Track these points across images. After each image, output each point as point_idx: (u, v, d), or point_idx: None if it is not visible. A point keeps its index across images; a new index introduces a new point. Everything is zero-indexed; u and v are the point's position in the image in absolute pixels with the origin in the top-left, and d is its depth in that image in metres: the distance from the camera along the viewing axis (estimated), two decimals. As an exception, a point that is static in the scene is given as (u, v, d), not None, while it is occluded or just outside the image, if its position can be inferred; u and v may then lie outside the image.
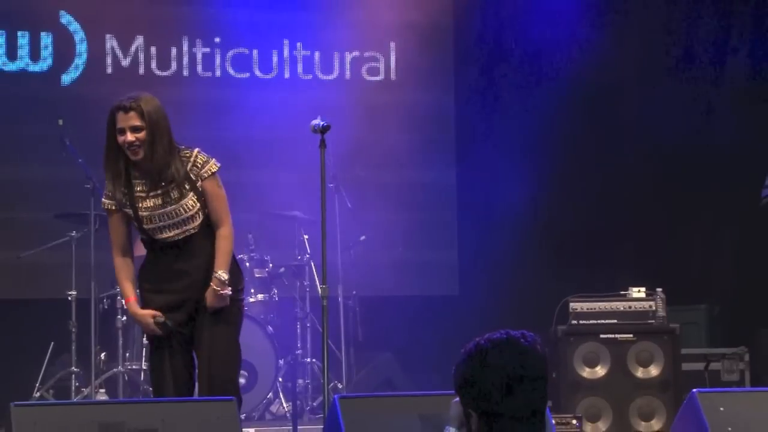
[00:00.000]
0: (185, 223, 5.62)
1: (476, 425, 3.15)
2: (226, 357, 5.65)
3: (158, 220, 5.61)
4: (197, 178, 5.60)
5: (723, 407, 5.43)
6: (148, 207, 5.60)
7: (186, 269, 5.66)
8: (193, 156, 5.61)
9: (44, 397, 7.90)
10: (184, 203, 5.60)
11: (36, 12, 9.13)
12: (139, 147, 5.52)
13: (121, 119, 5.53)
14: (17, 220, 8.79)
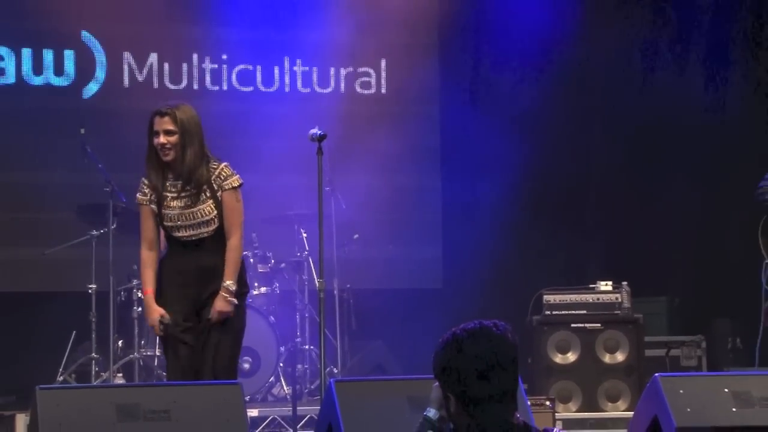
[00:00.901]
0: (200, 227, 5.63)
1: (454, 407, 3.15)
2: (228, 363, 5.66)
3: (177, 219, 5.63)
4: (218, 188, 5.62)
5: (682, 390, 5.43)
6: (173, 206, 5.63)
7: (196, 267, 5.68)
8: (219, 168, 5.64)
9: (67, 380, 7.89)
10: (203, 208, 5.62)
11: (60, 31, 9.12)
12: (170, 149, 5.57)
13: (157, 123, 5.60)
14: (42, 220, 8.78)
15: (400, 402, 5.08)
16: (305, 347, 8.40)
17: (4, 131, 8.90)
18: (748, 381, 5.65)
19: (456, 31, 9.75)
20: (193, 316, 5.66)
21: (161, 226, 5.69)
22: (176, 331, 5.66)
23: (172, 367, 5.72)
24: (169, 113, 5.59)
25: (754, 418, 5.36)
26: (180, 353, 5.66)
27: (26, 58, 9.14)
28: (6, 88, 9.10)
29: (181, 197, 5.63)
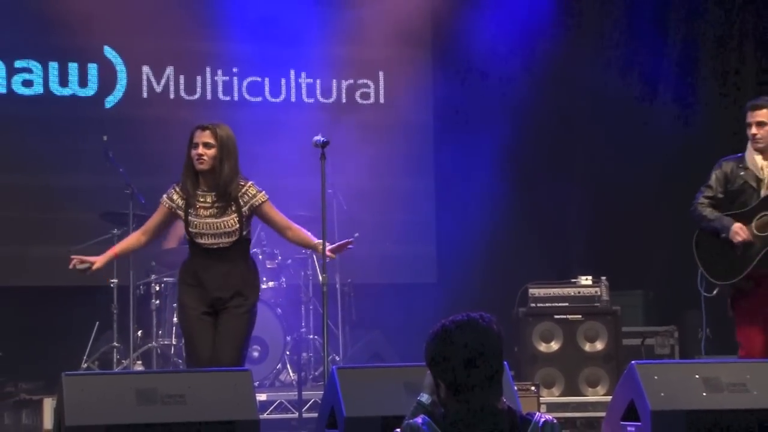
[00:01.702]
0: (222, 236, 5.70)
1: (444, 393, 3.15)
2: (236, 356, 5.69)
3: (202, 227, 5.69)
4: (244, 205, 5.69)
5: (657, 376, 5.43)
6: (201, 215, 5.69)
7: (214, 273, 5.73)
8: (246, 186, 5.73)
9: (90, 367, 7.89)
10: (227, 220, 5.69)
11: (84, 46, 9.12)
12: (206, 160, 5.63)
13: (198, 136, 5.68)
14: (68, 219, 8.78)
15: (397, 387, 5.08)
16: (310, 337, 8.40)
17: (33, 138, 8.90)
18: (718, 368, 5.67)
19: (447, 46, 9.74)
20: (208, 316, 5.70)
21: (186, 231, 5.72)
22: (192, 325, 5.69)
23: (188, 355, 5.81)
24: (209, 128, 5.69)
25: (724, 402, 5.37)
26: (195, 344, 5.71)
27: (53, 70, 9.14)
28: (35, 98, 9.10)
29: (209, 208, 5.68)
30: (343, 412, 5.15)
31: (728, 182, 6.38)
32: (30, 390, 7.87)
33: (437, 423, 3.08)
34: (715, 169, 6.44)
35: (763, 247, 6.25)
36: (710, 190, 6.41)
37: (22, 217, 8.89)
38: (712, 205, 6.40)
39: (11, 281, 8.80)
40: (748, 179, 6.33)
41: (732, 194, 6.37)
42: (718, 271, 6.39)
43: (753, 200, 6.31)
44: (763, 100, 6.39)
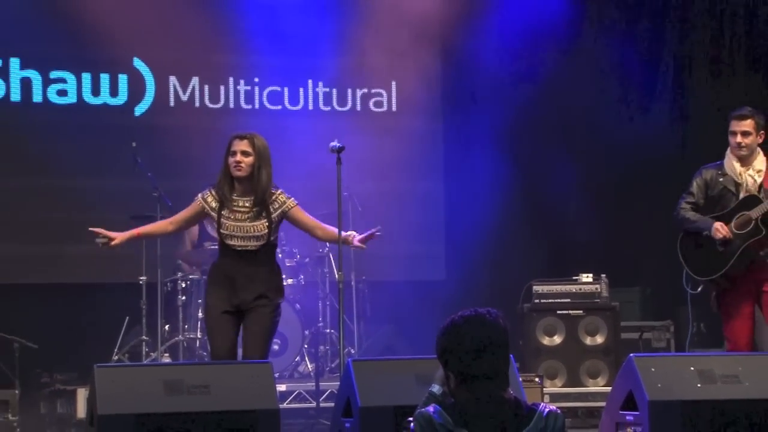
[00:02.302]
0: (251, 240, 5.73)
1: (454, 383, 3.15)
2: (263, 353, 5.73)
3: (233, 230, 5.71)
4: (275, 211, 5.71)
5: (654, 368, 5.42)
6: (233, 219, 5.70)
7: (241, 273, 5.75)
8: (277, 194, 5.77)
9: (120, 359, 7.90)
10: (257, 225, 5.72)
11: (114, 58, 9.14)
12: (243, 167, 5.66)
13: (236, 144, 5.71)
14: (100, 220, 8.66)
15: (408, 378, 5.08)
16: (326, 331, 8.40)
17: (67, 144, 8.91)
18: (711, 360, 5.66)
19: (455, 57, 9.72)
20: (229, 315, 5.72)
21: (217, 232, 5.76)
22: (212, 323, 5.71)
23: (212, 347, 5.82)
24: (247, 138, 5.73)
25: (717, 392, 5.35)
26: (213, 340, 5.76)
27: (86, 81, 9.16)
28: (69, 107, 9.13)
29: (244, 212, 5.70)
30: (358, 401, 5.15)
31: (708, 188, 6.41)
32: (64, 381, 7.88)
33: (448, 411, 3.08)
34: (696, 176, 6.47)
35: (741, 243, 6.28)
36: (692, 196, 6.44)
37: (56, 218, 8.90)
38: (693, 210, 6.44)
39: (47, 278, 8.82)
40: (727, 184, 6.36)
41: (712, 200, 6.41)
42: (701, 268, 6.44)
43: (732, 203, 6.34)
44: (748, 111, 6.39)
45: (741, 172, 6.33)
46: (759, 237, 6.26)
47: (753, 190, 6.32)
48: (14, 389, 7.47)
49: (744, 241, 6.26)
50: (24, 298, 8.59)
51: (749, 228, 6.27)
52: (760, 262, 6.31)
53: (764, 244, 6.28)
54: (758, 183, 6.32)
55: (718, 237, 6.27)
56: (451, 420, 3.05)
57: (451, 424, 3.05)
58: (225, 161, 5.76)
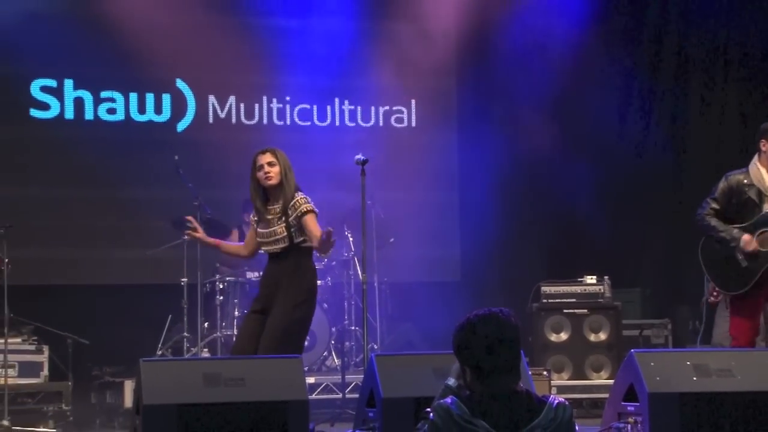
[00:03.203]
0: (273, 243, 5.73)
1: (469, 377, 3.13)
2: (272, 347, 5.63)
3: (263, 236, 5.75)
4: (292, 214, 5.67)
5: (653, 363, 5.39)
6: (264, 227, 5.75)
7: (272, 273, 5.78)
8: (298, 198, 5.71)
9: (164, 354, 7.91)
10: (276, 229, 5.72)
11: (159, 79, 9.18)
12: (273, 176, 5.68)
13: (260, 159, 5.74)
14: (145, 227, 8.82)
15: (427, 372, 5.06)
16: (352, 328, 8.39)
17: (116, 157, 8.96)
18: (706, 356, 5.63)
19: (470, 76, 9.70)
20: (255, 314, 5.75)
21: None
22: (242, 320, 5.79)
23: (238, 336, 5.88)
24: (269, 150, 5.77)
25: (712, 385, 5.31)
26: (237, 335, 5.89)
27: (133, 100, 9.20)
28: (118, 124, 9.17)
29: (274, 217, 5.71)
30: (381, 393, 5.14)
31: (733, 195, 6.13)
32: (113, 373, 7.89)
33: (464, 403, 3.06)
34: (722, 182, 6.17)
35: (765, 263, 6.07)
36: (716, 202, 6.15)
37: (106, 225, 8.94)
38: (716, 216, 6.17)
39: (97, 280, 8.85)
40: (751, 194, 6.09)
41: (735, 207, 6.14)
42: (726, 281, 6.21)
43: (755, 214, 6.10)
44: None
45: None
46: None
47: None
48: (67, 381, 7.49)
49: (767, 260, 6.04)
50: (76, 298, 8.62)
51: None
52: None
53: None
54: None
55: (748, 250, 6.03)
56: (468, 411, 3.03)
57: (468, 414, 3.03)
58: (253, 177, 5.76)
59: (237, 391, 4.98)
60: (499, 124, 9.42)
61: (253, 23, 9.30)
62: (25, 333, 7.57)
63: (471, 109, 9.70)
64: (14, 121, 8.91)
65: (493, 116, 9.52)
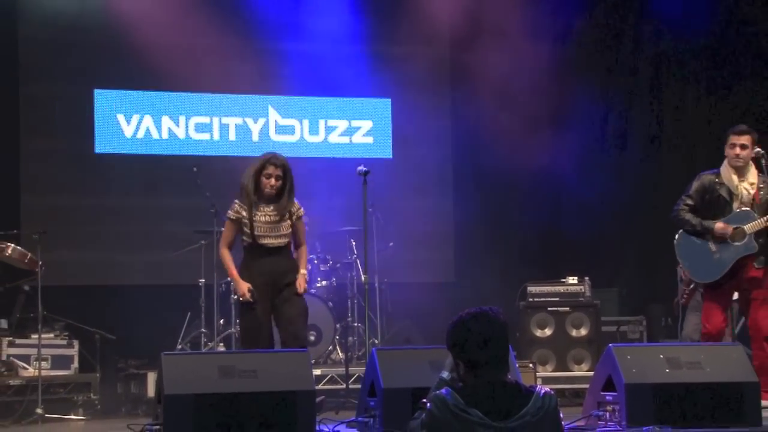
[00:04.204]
0: (279, 237, 5.85)
1: (463, 370, 3.12)
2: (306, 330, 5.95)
3: (265, 230, 5.80)
4: (292, 216, 5.87)
5: (629, 356, 5.39)
6: (265, 222, 5.81)
7: (272, 265, 5.83)
8: (295, 205, 5.92)
9: (183, 348, 7.90)
10: (283, 225, 5.86)
11: (180, 105, 9.16)
12: (276, 189, 5.82)
13: (272, 169, 5.82)
14: (167, 232, 8.81)
15: (423, 365, 5.06)
16: (354, 325, 8.37)
17: (140, 170, 8.98)
18: (677, 350, 5.65)
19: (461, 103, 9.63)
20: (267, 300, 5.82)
21: (250, 236, 5.81)
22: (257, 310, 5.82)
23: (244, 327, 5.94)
24: (281, 165, 5.84)
25: (682, 377, 5.34)
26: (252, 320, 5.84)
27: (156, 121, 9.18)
28: (144, 140, 9.15)
29: (270, 217, 5.83)
30: (381, 384, 5.13)
31: (706, 192, 6.19)
32: (137, 366, 7.88)
33: (459, 394, 3.05)
34: (695, 181, 6.23)
35: (736, 255, 6.11)
36: (690, 199, 6.21)
37: (131, 231, 8.94)
38: (691, 212, 6.21)
39: (123, 281, 8.84)
40: (722, 192, 6.15)
41: (708, 204, 6.19)
42: (699, 271, 6.24)
43: (726, 210, 6.15)
44: (746, 127, 6.22)
45: (737, 184, 6.14)
46: (752, 252, 6.09)
47: (747, 202, 6.13)
48: (96, 373, 7.48)
49: (738, 254, 6.10)
50: (104, 297, 8.61)
51: (743, 242, 6.09)
52: (746, 268, 6.13)
53: (754, 257, 6.12)
54: (751, 195, 6.13)
55: (724, 234, 6.05)
56: (462, 401, 3.02)
57: (462, 404, 3.02)
58: (257, 178, 5.82)
59: (250, 382, 4.98)
60: (488, 144, 9.37)
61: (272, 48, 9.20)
62: (57, 329, 7.57)
63: (464, 124, 9.66)
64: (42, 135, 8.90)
65: (484, 130, 9.46)
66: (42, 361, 7.02)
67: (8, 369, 7.16)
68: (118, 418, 6.82)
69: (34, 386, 6.77)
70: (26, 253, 7.22)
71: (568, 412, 5.29)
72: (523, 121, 9.25)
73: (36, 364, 7.04)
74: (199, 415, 4.84)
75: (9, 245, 7.22)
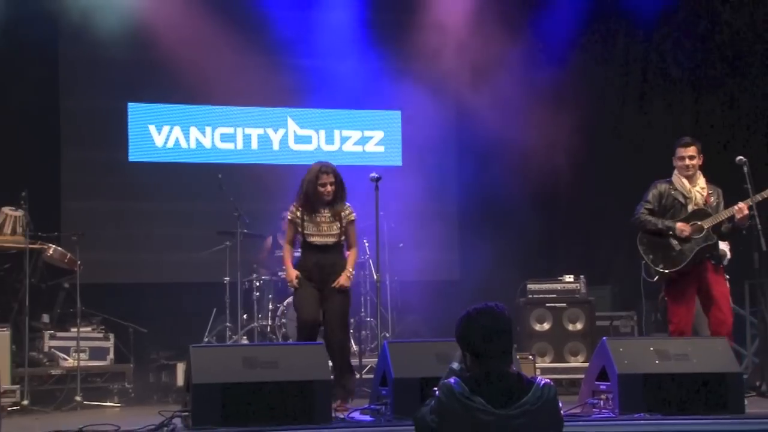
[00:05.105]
0: (326, 237, 6.00)
1: (469, 361, 3.12)
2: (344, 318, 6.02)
3: (313, 230, 5.98)
4: (342, 218, 6.01)
5: (622, 348, 5.39)
6: (320, 222, 5.99)
7: (322, 261, 6.00)
8: (346, 207, 6.06)
9: (210, 341, 7.91)
10: (332, 226, 6.01)
11: (208, 117, 9.17)
12: (331, 194, 5.97)
13: (324, 178, 5.97)
14: (195, 234, 8.81)
15: (431, 356, 5.06)
16: (367, 319, 8.37)
17: (170, 176, 9.00)
18: (666, 343, 5.66)
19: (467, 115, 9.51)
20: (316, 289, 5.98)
21: (302, 234, 6.05)
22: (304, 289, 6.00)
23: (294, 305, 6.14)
24: (332, 173, 6.03)
25: (671, 367, 5.34)
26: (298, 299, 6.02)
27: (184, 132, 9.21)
28: (173, 150, 9.17)
29: (322, 218, 6.00)
30: (392, 374, 5.13)
31: (662, 198, 6.36)
32: (167, 357, 7.91)
33: (465, 382, 3.05)
34: (651, 188, 6.42)
35: (695, 246, 6.23)
36: (649, 204, 6.38)
37: (161, 233, 8.95)
38: (651, 215, 6.37)
39: (155, 279, 8.86)
40: (677, 197, 6.33)
41: (663, 208, 6.36)
42: (660, 263, 6.32)
43: (682, 213, 6.31)
44: (691, 139, 6.43)
45: (690, 189, 6.32)
46: (710, 243, 6.23)
47: (701, 204, 6.31)
48: (129, 364, 7.51)
49: (698, 245, 6.22)
50: (137, 294, 8.62)
51: (701, 234, 6.23)
52: (705, 261, 6.25)
53: (713, 248, 6.25)
54: (703, 197, 6.32)
55: (685, 234, 6.21)
56: (468, 389, 3.02)
57: (468, 392, 3.01)
58: (315, 187, 5.96)
59: (271, 372, 4.99)
60: (492, 149, 9.35)
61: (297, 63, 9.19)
62: (94, 323, 7.60)
63: (468, 134, 9.64)
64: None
65: (486, 141, 9.44)
66: (80, 353, 7.06)
67: (50, 360, 7.19)
68: (150, 406, 6.84)
69: (74, 376, 6.80)
70: (66, 254, 7.26)
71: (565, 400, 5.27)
72: (523, 131, 9.24)
73: (75, 356, 7.07)
74: (224, 403, 4.85)
75: (50, 246, 7.27)
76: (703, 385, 5.25)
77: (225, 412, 4.83)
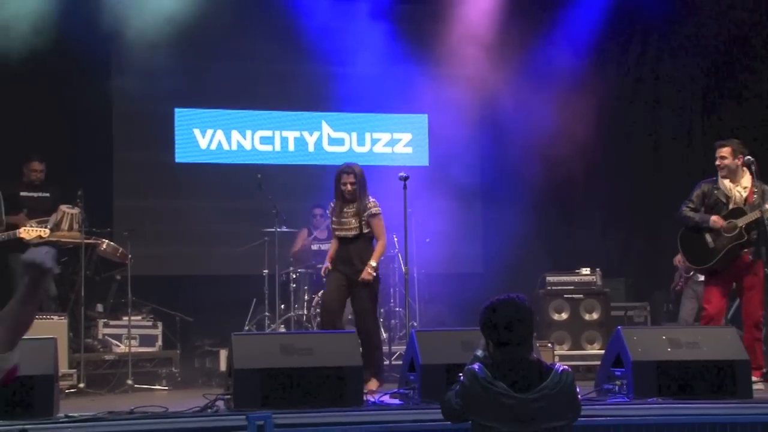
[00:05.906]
0: (347, 230, 6.14)
1: (492, 348, 3.11)
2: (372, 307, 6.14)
3: (337, 224, 6.17)
4: (365, 212, 6.11)
5: (636, 337, 5.36)
6: (343, 217, 6.16)
7: (346, 252, 6.16)
8: (369, 202, 6.17)
9: (250, 329, 7.94)
10: (352, 219, 6.13)
11: (248, 121, 9.20)
12: (351, 191, 6.09)
13: (345, 178, 6.12)
14: (236, 230, 8.85)
15: (456, 344, 5.06)
16: (396, 309, 8.36)
17: (214, 176, 9.04)
18: (678, 331, 5.64)
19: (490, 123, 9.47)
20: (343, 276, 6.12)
21: (332, 228, 6.29)
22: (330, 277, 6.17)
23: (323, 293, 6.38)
24: (352, 173, 6.15)
25: (682, 355, 5.30)
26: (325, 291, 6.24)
27: (226, 134, 9.24)
28: (216, 151, 9.22)
29: (347, 213, 6.15)
30: (419, 360, 5.13)
31: (705, 198, 6.29)
32: (211, 344, 7.95)
33: (488, 368, 3.04)
34: (696, 188, 6.35)
35: (728, 244, 6.15)
36: (692, 203, 6.31)
37: (206, 229, 8.99)
38: (692, 212, 6.29)
39: (200, 271, 8.92)
40: (719, 197, 6.25)
41: (707, 207, 6.28)
42: (697, 258, 6.28)
43: (723, 211, 6.22)
44: (723, 141, 6.34)
45: (731, 188, 6.23)
46: (741, 241, 6.14)
47: (740, 203, 6.21)
48: (176, 350, 7.56)
49: (730, 242, 6.14)
50: (183, 285, 8.69)
51: (735, 233, 6.14)
52: (740, 258, 6.18)
53: (745, 246, 6.16)
54: (744, 197, 6.20)
55: (716, 227, 6.16)
56: (490, 374, 3.01)
57: (490, 377, 3.01)
58: (338, 186, 6.16)
59: (306, 358, 5.01)
60: (513, 149, 9.29)
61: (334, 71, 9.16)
62: (144, 312, 7.67)
63: (490, 139, 9.57)
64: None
65: (506, 143, 9.37)
66: (131, 340, 7.13)
67: (103, 346, 7.27)
68: (195, 389, 6.89)
69: (125, 361, 6.87)
70: (118, 248, 7.34)
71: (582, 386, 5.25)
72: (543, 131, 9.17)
73: (126, 342, 7.15)
74: (263, 387, 4.88)
75: (104, 241, 7.35)
76: (713, 371, 5.20)
77: (264, 396, 4.86)
